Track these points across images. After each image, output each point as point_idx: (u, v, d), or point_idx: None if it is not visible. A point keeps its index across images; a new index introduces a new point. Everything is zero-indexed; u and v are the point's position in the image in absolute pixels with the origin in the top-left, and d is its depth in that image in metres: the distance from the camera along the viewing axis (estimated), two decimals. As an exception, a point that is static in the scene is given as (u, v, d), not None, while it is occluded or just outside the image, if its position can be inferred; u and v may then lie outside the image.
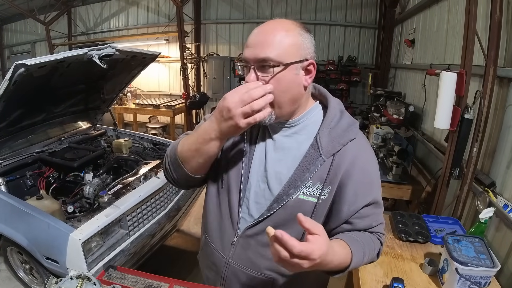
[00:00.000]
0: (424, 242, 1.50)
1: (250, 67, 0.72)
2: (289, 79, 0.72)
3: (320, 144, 0.77)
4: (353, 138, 0.78)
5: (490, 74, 1.56)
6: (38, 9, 5.54)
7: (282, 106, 0.74)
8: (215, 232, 0.90)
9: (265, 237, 0.79)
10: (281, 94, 0.72)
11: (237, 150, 0.85)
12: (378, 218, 0.82)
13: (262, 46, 0.70)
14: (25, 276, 2.03)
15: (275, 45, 0.70)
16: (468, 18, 1.60)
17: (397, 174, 2.34)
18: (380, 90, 3.49)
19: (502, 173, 1.58)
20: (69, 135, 2.69)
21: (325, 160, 0.76)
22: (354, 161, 0.76)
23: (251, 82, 0.69)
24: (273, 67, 0.70)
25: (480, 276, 1.13)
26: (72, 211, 1.87)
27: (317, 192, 0.77)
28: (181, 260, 2.47)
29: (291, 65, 0.71)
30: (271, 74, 0.70)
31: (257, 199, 0.82)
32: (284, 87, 0.72)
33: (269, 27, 0.72)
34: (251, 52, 0.71)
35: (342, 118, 0.80)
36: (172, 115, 5.02)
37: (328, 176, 0.76)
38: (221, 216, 0.88)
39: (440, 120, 1.70)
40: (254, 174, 0.83)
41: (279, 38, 0.70)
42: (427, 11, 2.99)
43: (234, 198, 0.84)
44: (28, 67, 1.60)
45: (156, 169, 2.25)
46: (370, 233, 0.82)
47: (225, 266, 0.88)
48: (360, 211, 0.78)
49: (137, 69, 2.62)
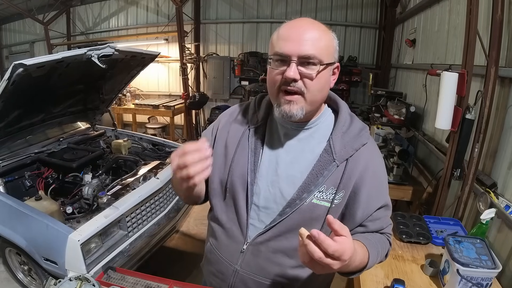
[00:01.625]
0: (425, 243, 1.49)
1: (290, 61, 0.69)
2: (326, 79, 0.74)
3: (334, 149, 0.77)
4: (365, 143, 0.78)
5: (491, 74, 1.56)
6: (37, 9, 5.52)
7: (314, 105, 0.75)
8: (221, 240, 0.88)
9: (276, 243, 0.80)
10: (317, 93, 0.73)
11: (239, 156, 0.83)
12: (388, 220, 0.84)
13: (307, 41, 0.69)
14: (24, 277, 2.02)
15: (319, 42, 0.70)
16: (469, 18, 1.59)
17: (398, 175, 2.33)
18: (381, 90, 3.49)
19: (503, 174, 1.57)
20: (68, 136, 2.67)
21: (338, 165, 0.76)
22: (367, 166, 0.77)
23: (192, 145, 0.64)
24: (317, 64, 0.69)
25: (481, 277, 1.13)
26: (71, 212, 1.86)
27: (330, 197, 0.77)
28: (181, 262, 2.46)
29: (330, 65, 0.73)
30: (314, 71, 0.70)
31: (268, 204, 0.81)
32: (321, 86, 0.73)
33: (308, 24, 0.71)
34: (294, 46, 0.69)
35: (353, 122, 0.81)
36: (171, 115, 5.01)
37: (341, 181, 0.76)
38: (228, 224, 0.86)
39: (441, 120, 1.70)
40: (262, 179, 0.81)
41: (321, 36, 0.70)
42: (428, 10, 2.98)
43: (242, 204, 0.82)
44: (27, 67, 1.59)
45: (155, 170, 2.23)
46: (381, 234, 0.83)
47: (233, 274, 0.86)
48: (373, 214, 0.79)
49: (136, 69, 2.61)
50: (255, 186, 0.81)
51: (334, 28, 4.93)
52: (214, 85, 5.47)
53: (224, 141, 0.86)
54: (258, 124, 0.84)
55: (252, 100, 0.91)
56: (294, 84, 0.70)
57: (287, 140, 0.81)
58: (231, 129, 0.86)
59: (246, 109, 0.89)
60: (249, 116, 0.87)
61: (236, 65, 5.23)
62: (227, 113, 0.93)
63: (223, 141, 0.86)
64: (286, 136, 0.81)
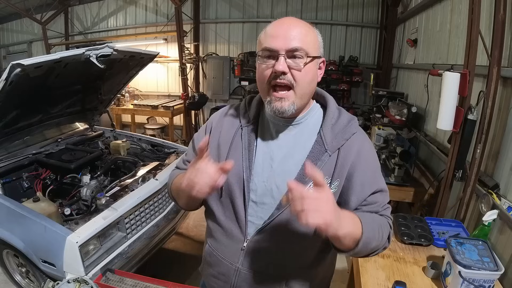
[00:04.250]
0: (427, 245, 1.48)
1: (279, 55, 0.73)
2: (314, 72, 0.78)
3: (325, 140, 0.80)
4: (354, 132, 0.82)
5: (493, 74, 1.55)
6: (35, 8, 5.49)
7: (304, 97, 0.78)
8: (221, 240, 0.88)
9: (276, 237, 0.82)
10: (306, 86, 0.77)
11: (232, 155, 0.84)
12: (385, 204, 0.85)
13: (293, 36, 0.73)
14: (22, 279, 2.00)
15: (305, 37, 0.74)
16: (471, 17, 1.58)
17: (399, 176, 2.32)
18: (382, 90, 3.47)
19: (506, 175, 1.56)
20: (66, 136, 2.65)
21: (330, 155, 0.79)
22: (359, 153, 0.80)
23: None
24: (303, 57, 0.73)
25: (483, 279, 1.12)
26: (69, 213, 1.85)
27: None
28: (180, 263, 2.46)
29: (316, 58, 0.76)
30: (302, 63, 0.73)
31: (264, 200, 0.82)
32: (309, 78, 0.76)
33: (293, 21, 0.76)
34: (281, 41, 0.73)
35: (341, 115, 0.84)
36: (170, 116, 4.99)
37: (335, 170, 0.79)
38: (226, 223, 0.86)
39: (443, 121, 1.69)
40: (258, 175, 0.83)
41: (306, 32, 0.75)
42: (429, 10, 2.97)
43: (239, 202, 0.83)
44: (25, 67, 1.58)
45: (154, 171, 2.22)
46: (379, 215, 0.83)
47: (235, 273, 0.86)
48: (367, 199, 0.81)
49: (135, 69, 2.60)
50: (251, 182, 0.82)
51: (335, 28, 4.92)
52: (213, 85, 5.46)
53: (217, 141, 0.88)
54: (250, 123, 0.87)
55: (242, 100, 0.95)
56: (284, 77, 0.73)
57: (280, 136, 0.84)
58: (223, 129, 0.89)
59: (236, 109, 0.92)
60: (240, 116, 0.89)
61: (236, 65, 5.22)
62: (218, 114, 0.95)
63: (215, 141, 0.88)
64: (278, 132, 0.84)
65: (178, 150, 2.67)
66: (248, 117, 0.88)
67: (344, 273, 1.96)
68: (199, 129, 1.07)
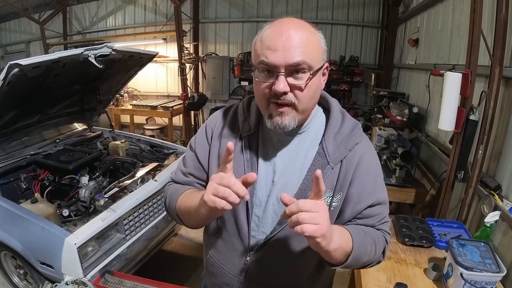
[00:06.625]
0: (428, 246, 1.48)
1: (278, 74, 0.65)
2: (316, 85, 0.71)
3: (327, 151, 0.75)
4: (358, 142, 0.77)
5: (495, 75, 1.54)
6: (33, 8, 5.47)
7: (306, 112, 0.73)
8: (223, 253, 0.87)
9: (278, 251, 0.81)
10: (309, 101, 0.71)
11: (235, 170, 0.78)
12: (382, 217, 0.81)
13: (294, 47, 0.64)
14: (19, 281, 1.99)
15: (307, 47, 0.65)
16: (473, 17, 1.58)
17: (400, 177, 2.31)
18: (383, 90, 3.47)
19: (508, 176, 1.56)
20: (64, 137, 2.64)
21: (333, 167, 0.75)
22: (359, 163, 0.76)
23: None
24: (306, 72, 0.66)
25: (485, 281, 1.12)
26: (67, 214, 1.84)
27: (328, 200, 0.76)
28: (179, 265, 2.45)
29: (319, 70, 0.69)
30: (304, 81, 0.66)
31: (267, 214, 0.80)
32: (312, 93, 0.70)
33: (293, 27, 0.66)
34: (280, 56, 0.64)
35: (345, 120, 0.79)
36: (170, 116, 4.97)
37: (337, 183, 0.76)
38: (228, 237, 0.84)
39: (445, 121, 1.69)
40: (261, 189, 0.79)
41: (308, 39, 0.66)
42: (431, 10, 2.96)
43: (242, 217, 0.80)
44: (23, 67, 1.58)
45: (153, 172, 2.21)
46: (374, 229, 0.80)
47: (239, 285, 0.86)
48: (363, 212, 0.78)
49: (134, 69, 2.59)
50: (255, 197, 0.80)
51: (336, 27, 4.91)
52: (213, 86, 5.45)
53: (217, 153, 0.83)
54: (251, 131, 0.81)
55: (240, 104, 0.87)
56: (284, 97, 0.67)
57: (281, 146, 0.79)
58: (223, 141, 0.82)
59: (234, 115, 0.85)
60: (239, 123, 0.83)
61: (236, 65, 5.21)
62: (216, 120, 0.87)
63: (216, 151, 0.83)
64: (279, 142, 0.79)
65: (177, 151, 2.66)
66: (248, 125, 0.81)
67: (345, 275, 1.95)
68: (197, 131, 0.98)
